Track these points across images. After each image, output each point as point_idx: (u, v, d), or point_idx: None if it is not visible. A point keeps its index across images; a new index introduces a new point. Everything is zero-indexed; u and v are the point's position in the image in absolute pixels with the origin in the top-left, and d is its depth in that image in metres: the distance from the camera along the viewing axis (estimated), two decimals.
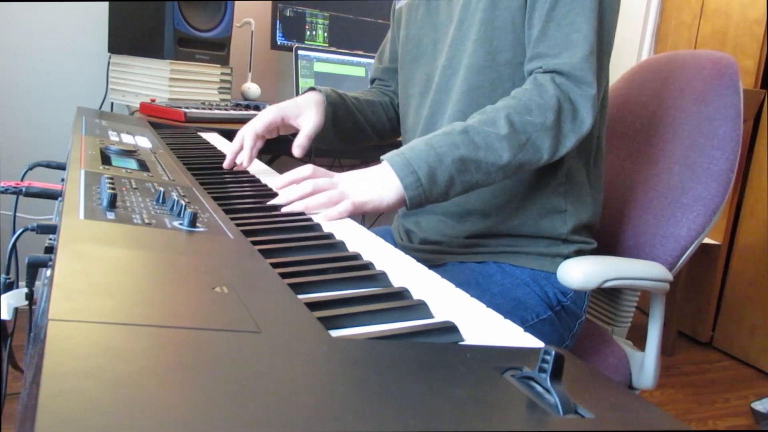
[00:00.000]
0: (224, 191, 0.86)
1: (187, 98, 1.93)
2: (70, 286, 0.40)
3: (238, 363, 0.34)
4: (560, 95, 0.87)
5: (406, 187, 0.83)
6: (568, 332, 1.02)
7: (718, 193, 1.07)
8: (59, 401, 0.26)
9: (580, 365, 0.41)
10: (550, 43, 0.89)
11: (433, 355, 0.40)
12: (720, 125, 1.08)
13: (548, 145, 0.87)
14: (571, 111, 0.87)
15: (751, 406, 2.10)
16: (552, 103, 0.86)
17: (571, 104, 0.87)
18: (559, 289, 0.99)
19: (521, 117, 0.86)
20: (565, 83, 0.87)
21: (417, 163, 0.83)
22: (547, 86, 0.87)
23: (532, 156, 0.87)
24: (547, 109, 0.86)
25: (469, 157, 0.84)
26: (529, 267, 0.99)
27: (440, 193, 0.85)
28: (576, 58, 0.87)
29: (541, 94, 0.87)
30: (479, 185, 0.88)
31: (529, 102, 0.86)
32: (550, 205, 0.99)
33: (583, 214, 1.01)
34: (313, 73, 2.21)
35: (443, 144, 0.84)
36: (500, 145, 0.85)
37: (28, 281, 0.64)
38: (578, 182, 1.00)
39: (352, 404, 0.31)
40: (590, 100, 0.87)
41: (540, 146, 0.86)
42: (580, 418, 0.34)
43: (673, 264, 1.09)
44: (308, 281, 0.53)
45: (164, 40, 1.86)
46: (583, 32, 0.87)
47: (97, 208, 0.60)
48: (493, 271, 0.99)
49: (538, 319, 0.96)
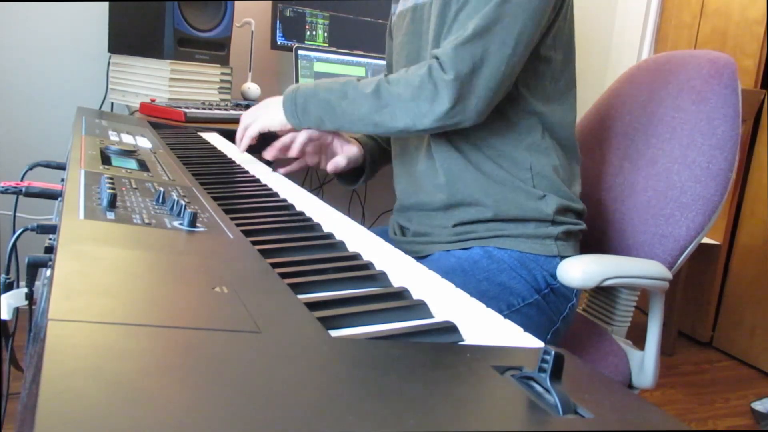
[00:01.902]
0: (224, 191, 0.86)
1: (187, 98, 1.93)
2: (70, 286, 0.40)
3: (238, 363, 0.34)
4: (425, 76, 0.93)
5: (285, 111, 1.08)
6: (557, 315, 1.02)
7: (717, 193, 1.07)
8: (59, 401, 0.26)
9: (579, 365, 0.41)
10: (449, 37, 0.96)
11: (433, 355, 0.40)
12: (719, 125, 1.09)
13: (402, 115, 0.96)
14: (432, 92, 0.93)
15: (751, 406, 2.10)
16: (415, 81, 0.94)
17: (434, 86, 0.93)
18: (548, 271, 0.99)
19: (388, 86, 0.97)
20: (435, 67, 0.93)
21: (299, 95, 1.06)
22: (423, 67, 0.95)
23: (387, 121, 0.98)
24: (409, 85, 0.95)
25: (335, 104, 1.02)
26: (518, 250, 1.00)
27: (313, 123, 1.06)
28: (449, 47, 0.93)
29: (414, 72, 0.95)
30: (347, 128, 1.04)
31: (401, 76, 0.97)
32: (529, 192, 1.01)
33: (562, 199, 1.02)
34: (313, 73, 2.21)
35: (326, 87, 1.03)
36: (362, 101, 0.99)
37: (28, 281, 0.64)
38: (545, 175, 1.02)
39: (352, 404, 0.31)
40: (450, 86, 0.92)
41: (395, 114, 0.96)
42: (579, 418, 0.34)
43: (673, 263, 1.09)
44: (308, 281, 0.53)
45: (164, 40, 1.86)
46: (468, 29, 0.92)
47: (97, 208, 0.60)
48: (479, 257, 1.00)
49: (524, 303, 0.98)
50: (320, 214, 0.82)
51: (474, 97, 0.93)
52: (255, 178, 1.01)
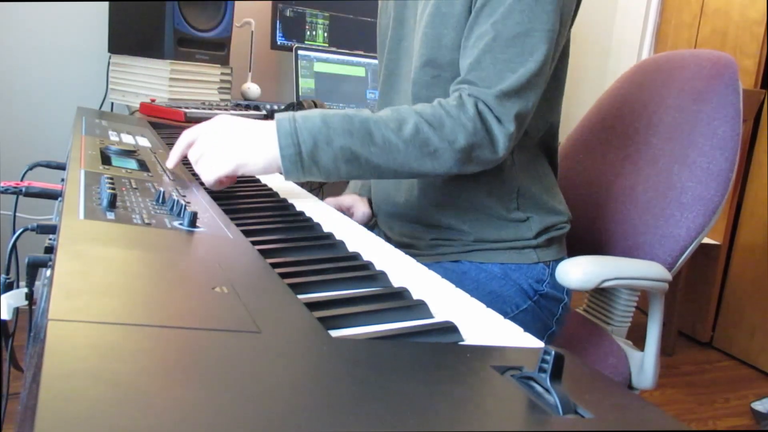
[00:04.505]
0: (224, 191, 0.86)
1: (187, 98, 1.93)
2: (70, 286, 0.40)
3: (238, 363, 0.34)
4: (479, 122, 0.85)
5: (284, 158, 0.80)
6: (551, 318, 1.02)
7: (718, 193, 1.07)
8: (59, 401, 0.26)
9: (579, 365, 0.41)
10: (483, 74, 0.86)
11: (433, 355, 0.40)
12: (719, 125, 1.08)
13: (450, 164, 0.85)
14: (487, 141, 0.86)
15: (751, 406, 2.10)
16: (469, 126, 0.84)
17: (488, 135, 0.86)
18: (533, 278, 0.98)
19: (430, 129, 0.84)
20: (486, 112, 0.85)
21: (304, 137, 0.80)
22: (469, 109, 0.85)
23: (427, 167, 0.85)
24: (461, 131, 0.84)
25: (360, 152, 0.82)
26: (498, 262, 0.99)
27: (320, 174, 0.83)
28: (503, 95, 0.85)
29: (459, 114, 0.85)
30: (366, 178, 0.88)
31: (445, 117, 0.84)
32: (510, 217, 0.99)
33: (546, 218, 1.00)
34: (313, 73, 2.21)
35: (338, 128, 0.81)
36: (398, 148, 0.83)
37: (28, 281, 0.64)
38: (531, 195, 1.00)
39: (352, 404, 0.31)
40: (507, 138, 0.86)
41: (440, 162, 0.85)
42: (579, 418, 0.34)
43: (673, 264, 1.09)
44: (308, 281, 0.53)
45: (164, 40, 1.86)
46: (517, 73, 0.85)
47: (97, 208, 0.60)
48: (467, 268, 0.99)
49: (518, 311, 0.97)
50: (320, 214, 0.82)
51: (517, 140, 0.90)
52: (255, 178, 1.01)
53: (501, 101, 0.85)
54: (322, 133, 0.80)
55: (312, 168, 0.81)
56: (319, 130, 0.80)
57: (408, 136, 0.82)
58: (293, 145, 0.80)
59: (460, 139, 0.84)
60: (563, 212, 1.04)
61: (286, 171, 0.81)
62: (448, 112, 0.85)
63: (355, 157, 0.82)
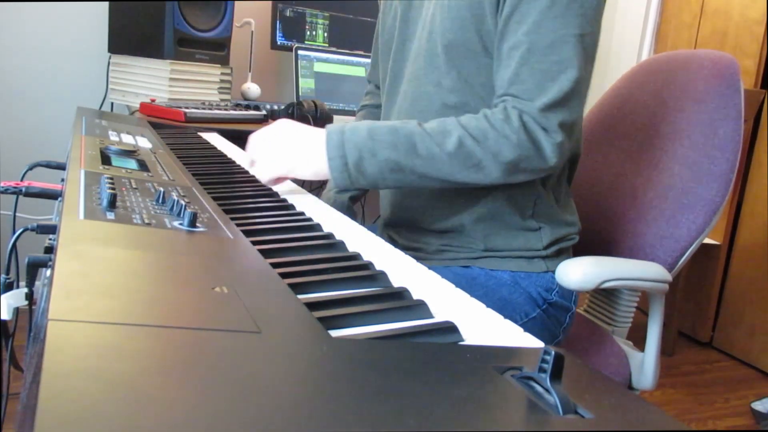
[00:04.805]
0: (224, 191, 0.86)
1: (187, 98, 1.93)
2: (70, 286, 0.40)
3: (238, 363, 0.34)
4: (523, 134, 0.85)
5: (333, 169, 0.86)
6: (558, 327, 1.01)
7: (719, 194, 1.07)
8: (59, 401, 0.26)
9: (579, 365, 0.41)
10: (523, 87, 0.86)
11: (433, 355, 0.40)
12: (720, 125, 1.08)
13: (496, 175, 0.86)
14: (534, 152, 0.86)
15: (751, 406, 2.10)
16: (513, 139, 0.85)
17: (535, 145, 0.86)
18: (542, 287, 0.98)
19: (474, 142, 0.85)
20: (532, 123, 0.85)
21: (350, 149, 0.85)
22: (514, 121, 0.85)
23: (473, 178, 0.87)
24: (505, 144, 0.85)
25: (404, 163, 0.85)
26: (508, 269, 0.98)
27: (367, 183, 0.87)
28: (546, 107, 0.85)
29: (504, 127, 0.85)
30: (413, 186, 0.91)
31: (489, 130, 0.85)
32: (524, 225, 0.98)
33: (557, 230, 1.00)
34: (313, 73, 2.21)
35: (384, 140, 0.85)
36: (442, 160, 0.85)
37: (28, 281, 0.64)
38: (547, 205, 0.99)
39: (352, 404, 0.31)
40: (556, 147, 0.86)
41: (486, 173, 0.86)
42: (579, 418, 0.34)
43: (673, 264, 1.09)
44: (308, 281, 0.53)
45: (164, 40, 1.86)
46: (558, 81, 0.85)
47: (97, 208, 0.60)
48: (476, 273, 0.98)
49: (527, 318, 0.96)
50: (320, 214, 0.82)
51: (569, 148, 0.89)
52: (255, 178, 1.01)
53: (545, 113, 0.85)
54: (367, 146, 0.85)
55: (359, 177, 0.86)
56: (365, 143, 0.85)
57: (452, 149, 0.85)
58: (340, 156, 0.85)
59: (504, 151, 0.85)
60: (575, 223, 1.04)
61: (334, 180, 0.86)
62: (492, 124, 0.86)
63: (399, 167, 0.86)
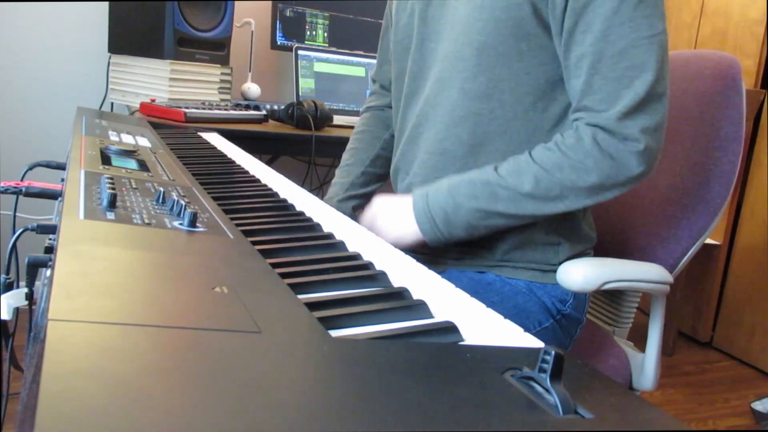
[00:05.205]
0: (224, 191, 0.86)
1: (187, 98, 1.93)
2: (70, 286, 0.40)
3: (238, 363, 0.34)
4: (598, 154, 0.84)
5: (424, 232, 0.90)
6: (569, 339, 1.01)
7: (720, 195, 1.07)
8: (59, 401, 0.26)
9: (580, 365, 0.41)
10: (597, 97, 0.84)
11: (433, 355, 0.40)
12: (722, 126, 1.08)
13: (581, 200, 0.86)
14: (616, 168, 0.84)
15: (751, 406, 2.10)
16: (589, 163, 0.84)
17: (614, 161, 0.84)
18: (556, 297, 0.97)
19: (548, 176, 0.85)
20: (607, 140, 0.83)
21: (435, 210, 0.90)
22: (586, 143, 0.84)
23: (561, 208, 0.87)
24: (581, 171, 0.84)
25: (488, 209, 0.87)
26: (524, 279, 0.97)
27: (461, 236, 0.90)
28: (623, 115, 0.82)
29: (576, 153, 0.85)
30: (510, 226, 0.90)
31: (563, 160, 0.85)
32: (545, 240, 0.96)
33: (575, 246, 0.98)
34: (313, 74, 2.21)
35: (464, 193, 0.88)
36: (523, 200, 0.87)
37: (28, 281, 0.64)
38: (570, 219, 0.97)
39: (352, 404, 0.31)
40: (639, 155, 0.83)
41: (570, 201, 0.86)
42: (579, 418, 0.34)
43: (675, 265, 1.09)
44: (308, 281, 0.53)
45: (164, 40, 1.86)
46: (633, 87, 0.82)
47: (97, 208, 0.60)
48: (492, 279, 0.98)
49: (540, 328, 0.95)
50: (320, 214, 0.82)
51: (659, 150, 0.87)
52: (255, 178, 1.01)
53: (623, 121, 0.83)
54: (449, 204, 0.89)
55: (451, 232, 0.90)
56: (446, 201, 0.89)
57: (529, 188, 0.86)
58: (428, 220, 0.90)
59: (582, 177, 0.85)
60: (592, 238, 1.03)
61: (429, 241, 0.91)
62: (564, 153, 0.85)
63: (486, 214, 0.88)
